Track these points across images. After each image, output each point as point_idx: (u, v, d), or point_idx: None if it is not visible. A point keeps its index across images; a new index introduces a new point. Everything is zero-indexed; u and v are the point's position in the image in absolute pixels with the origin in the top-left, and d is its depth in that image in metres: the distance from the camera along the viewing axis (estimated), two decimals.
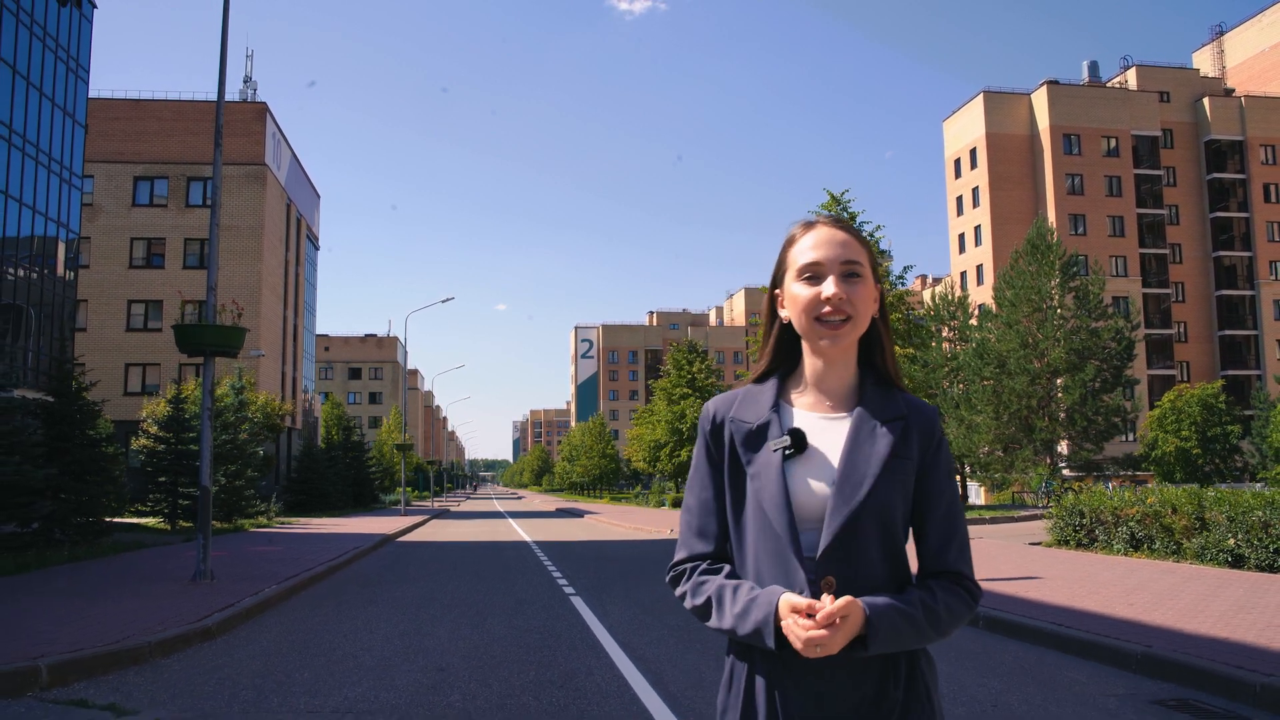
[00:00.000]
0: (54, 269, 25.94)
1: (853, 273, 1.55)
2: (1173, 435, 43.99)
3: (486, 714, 5.20)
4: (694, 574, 1.59)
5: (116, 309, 40.41)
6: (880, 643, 1.43)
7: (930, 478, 1.57)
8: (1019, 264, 35.69)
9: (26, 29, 22.32)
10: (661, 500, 50.61)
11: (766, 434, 1.57)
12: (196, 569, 10.84)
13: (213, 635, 7.68)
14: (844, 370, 1.60)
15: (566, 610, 9.36)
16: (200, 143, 42.19)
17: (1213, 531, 10.71)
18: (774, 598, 1.46)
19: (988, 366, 34.76)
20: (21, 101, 22.39)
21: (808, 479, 1.53)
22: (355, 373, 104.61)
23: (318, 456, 40.56)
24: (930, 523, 1.57)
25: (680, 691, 5.71)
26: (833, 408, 1.60)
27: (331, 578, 12.88)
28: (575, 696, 5.62)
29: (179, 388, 25.22)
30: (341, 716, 5.16)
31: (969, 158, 66.65)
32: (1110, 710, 5.21)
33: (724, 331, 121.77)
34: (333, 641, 7.61)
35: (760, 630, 1.46)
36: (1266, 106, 65.75)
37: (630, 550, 18.56)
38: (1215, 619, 7.30)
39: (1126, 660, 6.18)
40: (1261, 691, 5.13)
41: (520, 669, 6.44)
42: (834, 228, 1.59)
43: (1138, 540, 12.13)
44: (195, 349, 11.09)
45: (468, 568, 14.54)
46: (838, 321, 1.53)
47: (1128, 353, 35.13)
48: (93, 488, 16.63)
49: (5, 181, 21.85)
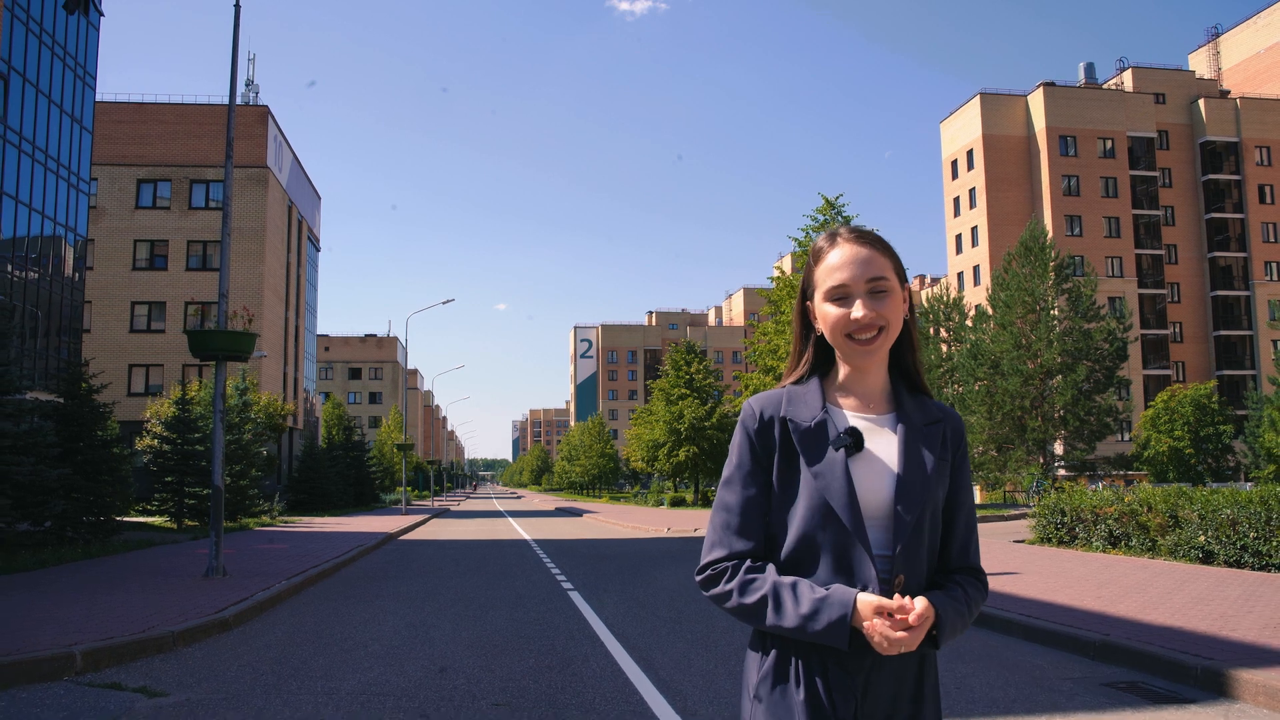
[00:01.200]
0: (62, 272, 26.39)
1: (879, 289, 1.60)
2: (1166, 435, 44.42)
3: (490, 695, 5.65)
4: (738, 572, 1.58)
5: (120, 310, 40.83)
6: (948, 638, 1.53)
7: (959, 478, 1.67)
8: (1012, 266, 36.15)
9: (36, 38, 22.79)
10: (660, 500, 51.02)
11: (826, 432, 1.60)
12: (209, 564, 11.28)
13: (230, 626, 8.12)
14: (878, 374, 1.67)
15: (564, 604, 9.81)
16: (203, 145, 42.64)
17: (1185, 529, 11.17)
18: (849, 598, 1.49)
19: (981, 368, 35.24)
20: (31, 108, 22.87)
21: (870, 478, 1.57)
22: (355, 373, 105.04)
23: (319, 456, 40.99)
24: (958, 522, 1.67)
25: (669, 675, 6.16)
26: (872, 410, 1.66)
27: (338, 574, 13.32)
28: (572, 679, 6.06)
29: (184, 389, 25.67)
30: (356, 698, 5.60)
31: (966, 159, 67.10)
32: (1064, 691, 5.66)
33: (723, 331, 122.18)
34: (343, 632, 8.05)
35: (833, 629, 1.48)
36: (1261, 108, 66.19)
37: (627, 548, 19.00)
38: (1174, 610, 7.75)
39: (1086, 647, 6.63)
40: (1201, 674, 5.58)
41: (520, 656, 6.89)
42: (857, 244, 1.63)
43: (1115, 538, 12.58)
44: (207, 354, 11.52)
45: (469, 565, 14.99)
46: (869, 339, 1.60)
47: (1120, 354, 35.60)
48: (103, 487, 17.08)
49: (15, 186, 22.31)
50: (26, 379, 19.06)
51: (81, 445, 16.97)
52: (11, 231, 22.70)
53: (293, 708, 5.35)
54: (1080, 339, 34.58)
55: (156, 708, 5.34)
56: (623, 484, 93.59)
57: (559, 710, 5.28)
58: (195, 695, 5.67)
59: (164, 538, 18.98)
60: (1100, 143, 64.92)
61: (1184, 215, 67.46)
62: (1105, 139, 64.98)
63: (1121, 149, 64.94)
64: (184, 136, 42.78)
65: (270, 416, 34.92)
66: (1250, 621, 7.09)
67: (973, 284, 63.62)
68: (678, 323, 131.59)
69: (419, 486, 73.22)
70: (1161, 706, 5.25)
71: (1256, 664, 5.57)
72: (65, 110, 25.18)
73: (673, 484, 54.61)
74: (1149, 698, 5.46)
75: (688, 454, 47.25)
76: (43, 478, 14.43)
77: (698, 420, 47.34)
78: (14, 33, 21.44)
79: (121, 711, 5.25)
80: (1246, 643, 6.29)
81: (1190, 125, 68.30)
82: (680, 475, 50.24)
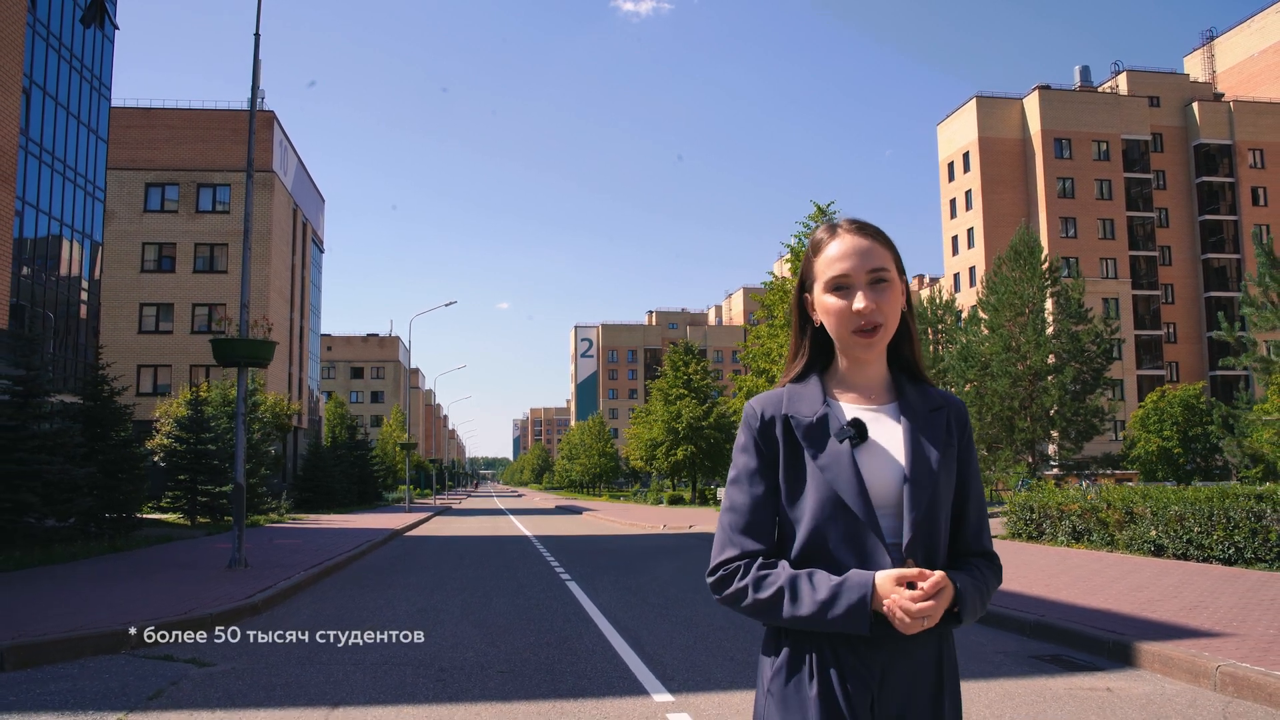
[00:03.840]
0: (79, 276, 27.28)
1: (880, 279, 1.60)
2: (1155, 435, 45.26)
3: (495, 665, 6.50)
4: (751, 570, 1.57)
5: (129, 312, 41.69)
6: (970, 614, 1.54)
7: (967, 464, 1.67)
8: (1002, 270, 36.99)
9: (55, 52, 23.71)
10: (659, 498, 51.89)
11: (828, 426, 1.60)
12: (232, 556, 12.12)
13: (259, 610, 8.98)
14: (878, 366, 1.68)
15: (562, 592, 10.66)
16: (209, 150, 43.52)
17: (1139, 525, 12.02)
18: (868, 578, 1.49)
19: (972, 369, 36.07)
20: (50, 120, 23.79)
21: (878, 467, 1.58)
22: (357, 372, 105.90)
23: (324, 455, 41.83)
24: (969, 507, 1.67)
25: (653, 649, 7.01)
26: (873, 401, 1.66)
27: (350, 567, 14.18)
28: (567, 653, 6.92)
29: (195, 390, 26.53)
30: (379, 666, 6.45)
31: (962, 161, 67.93)
32: (994, 662, 6.50)
33: (723, 331, 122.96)
34: (361, 615, 8.90)
35: (853, 612, 1.47)
36: (1255, 111, 66.93)
37: (624, 543, 19.85)
38: (1111, 595, 8.60)
39: (1023, 627, 7.48)
40: (1111, 646, 6.44)
41: (522, 635, 7.74)
42: (858, 235, 1.63)
43: (1078, 533, 13.43)
44: (230, 361, 12.36)
45: (473, 559, 15.85)
46: (870, 330, 1.60)
47: (1107, 356, 36.44)
48: (124, 485, 17.96)
49: (35, 195, 23.22)
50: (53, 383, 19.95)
51: (103, 445, 17.83)
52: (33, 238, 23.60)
53: (326, 674, 6.20)
54: (1068, 341, 35.43)
55: (208, 675, 6.20)
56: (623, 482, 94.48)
57: (556, 677, 6.13)
58: (239, 665, 6.53)
59: (180, 533, 19.82)
60: (1095, 145, 65.74)
61: (1178, 217, 68.31)
62: (1100, 142, 65.79)
63: (1116, 152, 65.77)
64: (191, 141, 43.63)
65: (277, 416, 35.75)
66: (1173, 604, 7.94)
67: (969, 285, 64.42)
68: (678, 322, 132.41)
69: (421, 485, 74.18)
70: (1073, 673, 6.10)
71: (1160, 638, 6.42)
72: (82, 121, 26.09)
73: (671, 482, 55.48)
74: (1066, 667, 6.31)
75: (685, 453, 48.13)
76: (70, 476, 15.29)
77: (695, 420, 48.21)
78: (35, 48, 22.32)
79: (180, 677, 6.11)
80: (1162, 621, 7.13)
81: (1184, 128, 69.11)
82: (678, 474, 51.12)
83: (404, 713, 5.21)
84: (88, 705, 5.35)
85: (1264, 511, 10.28)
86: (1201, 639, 6.39)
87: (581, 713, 5.20)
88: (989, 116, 66.11)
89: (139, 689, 5.75)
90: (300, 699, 5.53)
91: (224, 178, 43.43)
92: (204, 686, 5.85)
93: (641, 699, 5.51)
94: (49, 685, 5.86)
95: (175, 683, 5.94)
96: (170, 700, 5.49)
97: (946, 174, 70.11)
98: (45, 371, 15.82)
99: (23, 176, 21.47)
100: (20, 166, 20.79)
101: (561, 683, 5.96)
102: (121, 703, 5.42)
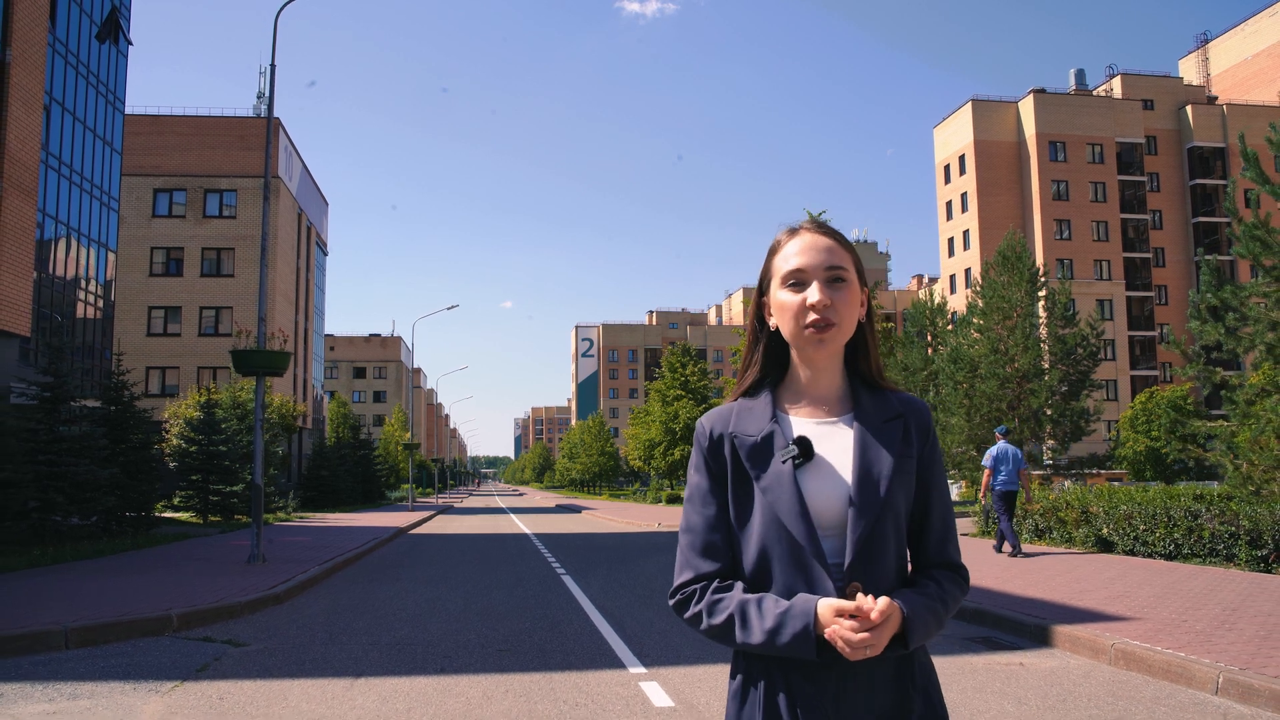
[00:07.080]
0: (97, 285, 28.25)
1: (837, 278, 1.56)
2: (1143, 435, 46.17)
3: (495, 645, 7.42)
4: (705, 594, 1.55)
5: (138, 314, 42.67)
6: (918, 638, 1.47)
7: (930, 471, 1.61)
8: (990, 274, 37.91)
9: (72, 68, 24.69)
10: (658, 497, 52.82)
11: (772, 445, 1.56)
12: (251, 552, 13.05)
13: (281, 600, 9.91)
14: (833, 375, 1.62)
15: (557, 584, 11.59)
16: (216, 156, 44.49)
17: (1093, 523, 12.93)
18: (810, 606, 1.45)
19: (961, 371, 36.99)
20: (68, 134, 24.77)
21: (821, 487, 1.53)
22: (360, 372, 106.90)
23: (329, 455, 42.80)
24: (932, 516, 1.62)
25: (634, 632, 7.93)
26: (828, 413, 1.60)
27: (359, 562, 15.12)
28: (558, 635, 7.84)
29: (206, 393, 27.48)
30: (394, 647, 7.37)
31: (958, 164, 68.82)
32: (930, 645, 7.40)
33: (723, 331, 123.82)
34: (375, 604, 9.84)
35: (799, 640, 1.44)
36: (1248, 114, 67.67)
37: (618, 541, 20.78)
38: (1051, 587, 9.51)
39: (962, 613, 8.38)
40: (1033, 629, 7.36)
41: (519, 619, 8.68)
42: (817, 233, 1.60)
43: (1040, 530, 14.34)
44: (249, 370, 13.28)
45: (474, 555, 16.79)
46: (823, 326, 1.54)
47: (1093, 358, 37.36)
48: (143, 485, 18.92)
49: (55, 208, 24.20)
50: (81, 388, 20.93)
51: (124, 447, 18.78)
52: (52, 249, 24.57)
53: (347, 652, 7.14)
54: (1054, 344, 36.36)
55: (244, 653, 7.13)
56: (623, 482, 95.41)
57: (546, 654, 7.05)
58: (270, 645, 7.46)
59: (194, 531, 20.76)
60: (1089, 148, 66.62)
61: (1171, 219, 69.21)
62: (1094, 145, 66.68)
63: (1110, 154, 66.65)
64: (198, 148, 44.59)
65: (283, 417, 36.72)
66: (1101, 594, 8.85)
67: (964, 287, 65.33)
68: (678, 322, 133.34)
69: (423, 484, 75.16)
70: (996, 652, 7.02)
71: (1076, 621, 7.33)
72: (97, 134, 27.06)
73: (669, 482, 56.42)
74: (992, 647, 7.23)
75: (683, 453, 49.04)
76: (95, 477, 16.24)
77: (693, 421, 49.11)
78: (54, 65, 23.27)
79: (220, 654, 7.05)
80: (1085, 608, 8.04)
81: (1178, 131, 69.98)
82: (676, 474, 52.03)
83: (417, 682, 6.14)
84: (147, 675, 6.29)
85: (1200, 511, 11.19)
86: (1113, 622, 7.30)
87: (567, 682, 6.12)
88: (984, 120, 67.00)
89: (187, 663, 6.69)
90: (327, 671, 6.47)
91: (230, 183, 44.38)
92: (243, 662, 6.79)
93: (619, 671, 6.44)
94: (110, 660, 6.80)
95: (218, 659, 6.87)
96: (216, 672, 6.42)
97: (943, 176, 71.02)
98: (71, 378, 16.74)
99: (43, 189, 22.43)
100: (41, 179, 21.75)
101: (551, 659, 6.88)
102: (175, 673, 6.35)
